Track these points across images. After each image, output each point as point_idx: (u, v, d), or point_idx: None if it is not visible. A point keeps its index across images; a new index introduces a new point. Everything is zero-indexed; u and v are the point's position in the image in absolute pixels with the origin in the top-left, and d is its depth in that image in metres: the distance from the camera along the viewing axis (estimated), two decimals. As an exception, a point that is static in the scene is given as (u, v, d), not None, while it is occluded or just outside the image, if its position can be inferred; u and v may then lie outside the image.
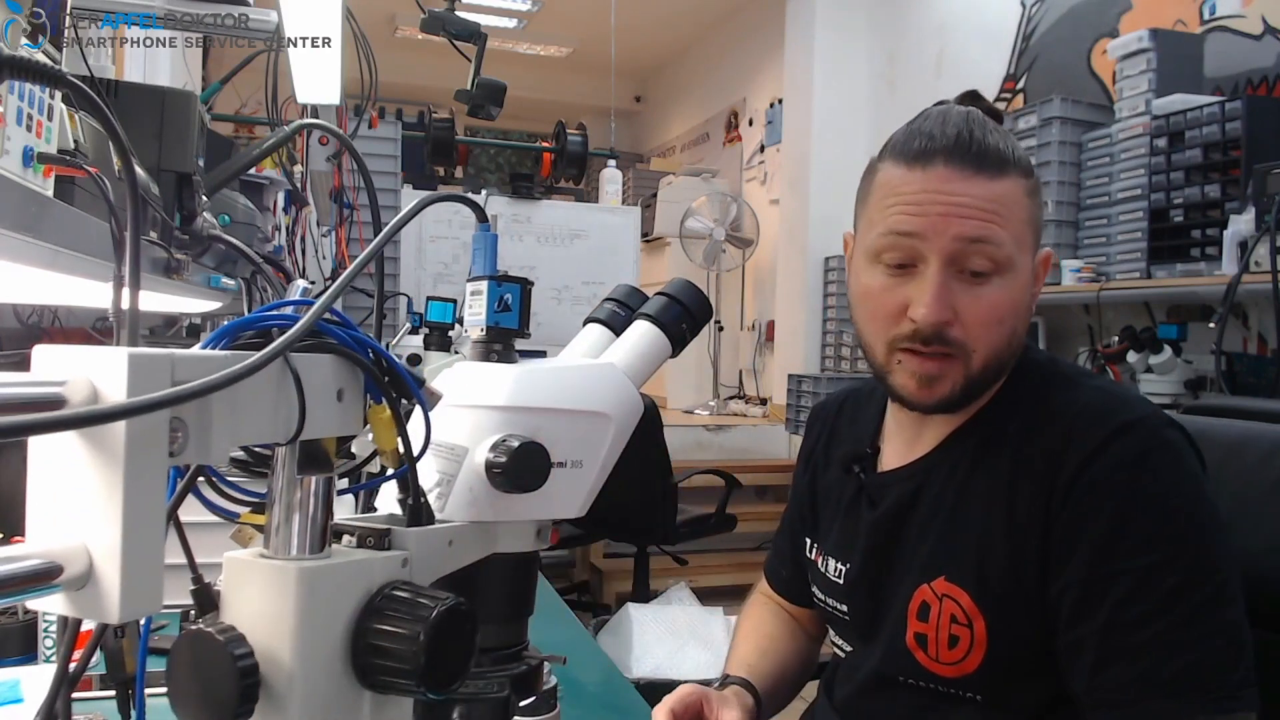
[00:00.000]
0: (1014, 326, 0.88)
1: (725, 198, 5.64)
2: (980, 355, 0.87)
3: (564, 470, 0.58)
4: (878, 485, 0.99)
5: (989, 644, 0.86)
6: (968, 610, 0.86)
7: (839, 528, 1.04)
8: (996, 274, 0.86)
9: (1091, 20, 3.59)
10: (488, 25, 2.14)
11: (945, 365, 0.88)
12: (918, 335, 0.87)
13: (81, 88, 0.48)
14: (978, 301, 0.86)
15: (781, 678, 1.12)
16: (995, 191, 0.86)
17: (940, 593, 0.88)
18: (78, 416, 0.34)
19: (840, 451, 1.07)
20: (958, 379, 0.88)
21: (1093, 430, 0.83)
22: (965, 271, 0.86)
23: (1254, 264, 2.30)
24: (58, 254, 0.74)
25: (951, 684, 0.89)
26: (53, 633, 1.11)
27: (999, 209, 0.85)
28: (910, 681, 0.92)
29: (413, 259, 4.51)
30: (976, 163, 0.86)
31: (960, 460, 0.92)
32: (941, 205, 0.86)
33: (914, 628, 0.90)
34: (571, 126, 4.92)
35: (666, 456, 3.07)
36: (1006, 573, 0.85)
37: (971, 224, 0.85)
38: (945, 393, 0.88)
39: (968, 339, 0.87)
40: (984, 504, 0.88)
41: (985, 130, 0.88)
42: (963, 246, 0.85)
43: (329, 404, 0.47)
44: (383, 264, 0.69)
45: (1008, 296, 0.87)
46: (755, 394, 5.93)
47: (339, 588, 0.46)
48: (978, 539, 0.87)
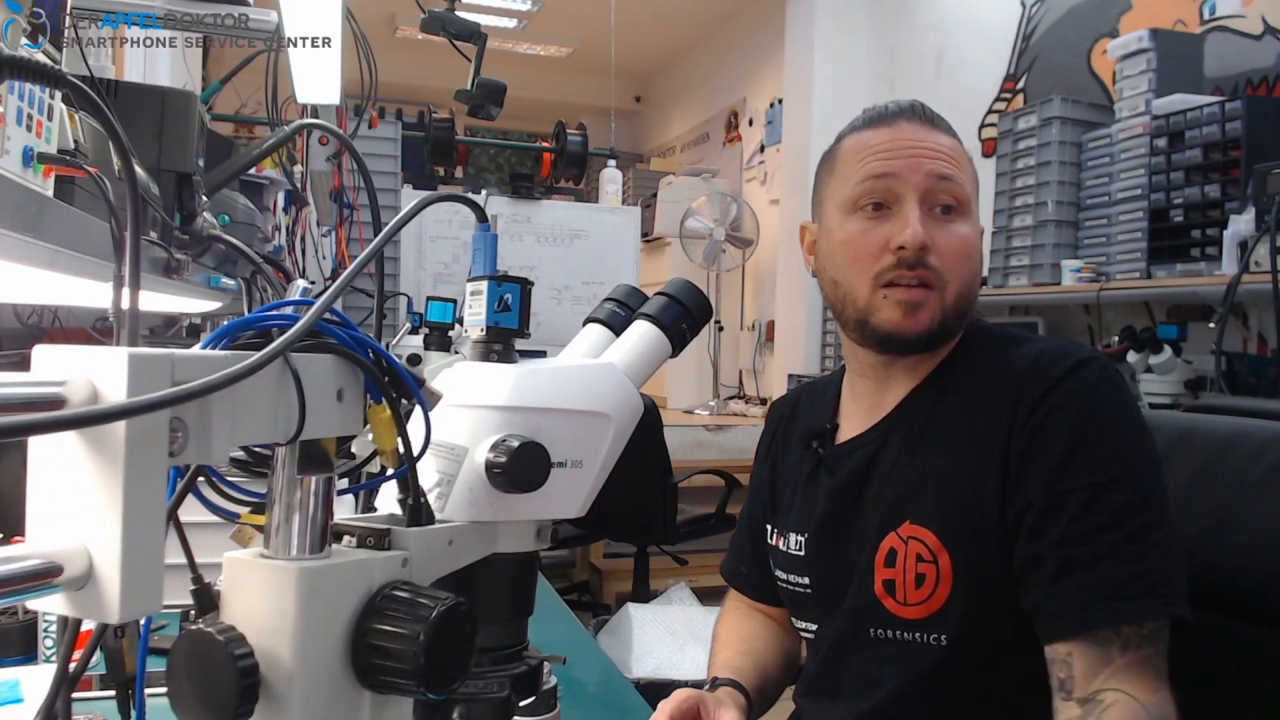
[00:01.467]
0: (974, 268, 0.98)
1: (725, 198, 5.64)
2: (953, 286, 0.96)
3: (564, 470, 0.58)
4: (836, 456, 1.05)
5: (954, 576, 0.91)
6: (933, 547, 0.92)
7: (799, 502, 1.08)
8: (960, 213, 0.97)
9: (1091, 20, 3.59)
10: (488, 25, 2.14)
11: (926, 294, 0.96)
12: (903, 262, 0.95)
13: (81, 88, 0.48)
14: (950, 235, 0.96)
15: (764, 676, 1.13)
16: (951, 143, 0.99)
17: (906, 535, 0.94)
18: (78, 416, 0.34)
19: (798, 432, 1.12)
20: (935, 309, 0.96)
21: (1051, 368, 0.90)
22: (935, 209, 0.96)
23: (1254, 264, 2.30)
24: (58, 254, 0.74)
25: (918, 626, 0.93)
26: (53, 633, 1.11)
27: (955, 156, 0.98)
28: (877, 632, 0.96)
29: (413, 259, 4.51)
30: (932, 119, 1.00)
31: (917, 416, 0.99)
32: (912, 149, 0.97)
33: (881, 575, 0.95)
34: (571, 126, 4.92)
35: (666, 456, 3.07)
36: (967, 504, 0.91)
37: (939, 163, 0.97)
38: (926, 321, 0.95)
39: (943, 268, 0.95)
40: (943, 446, 0.95)
41: (923, 105, 1.03)
42: (933, 183, 0.96)
43: (329, 404, 0.47)
44: (383, 264, 0.69)
45: (972, 233, 0.98)
46: (755, 394, 5.93)
47: (339, 588, 0.46)
48: (937, 478, 0.94)
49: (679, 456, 3.62)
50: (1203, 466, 1.02)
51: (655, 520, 3.09)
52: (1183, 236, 2.71)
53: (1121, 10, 3.44)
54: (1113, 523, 0.84)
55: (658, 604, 3.28)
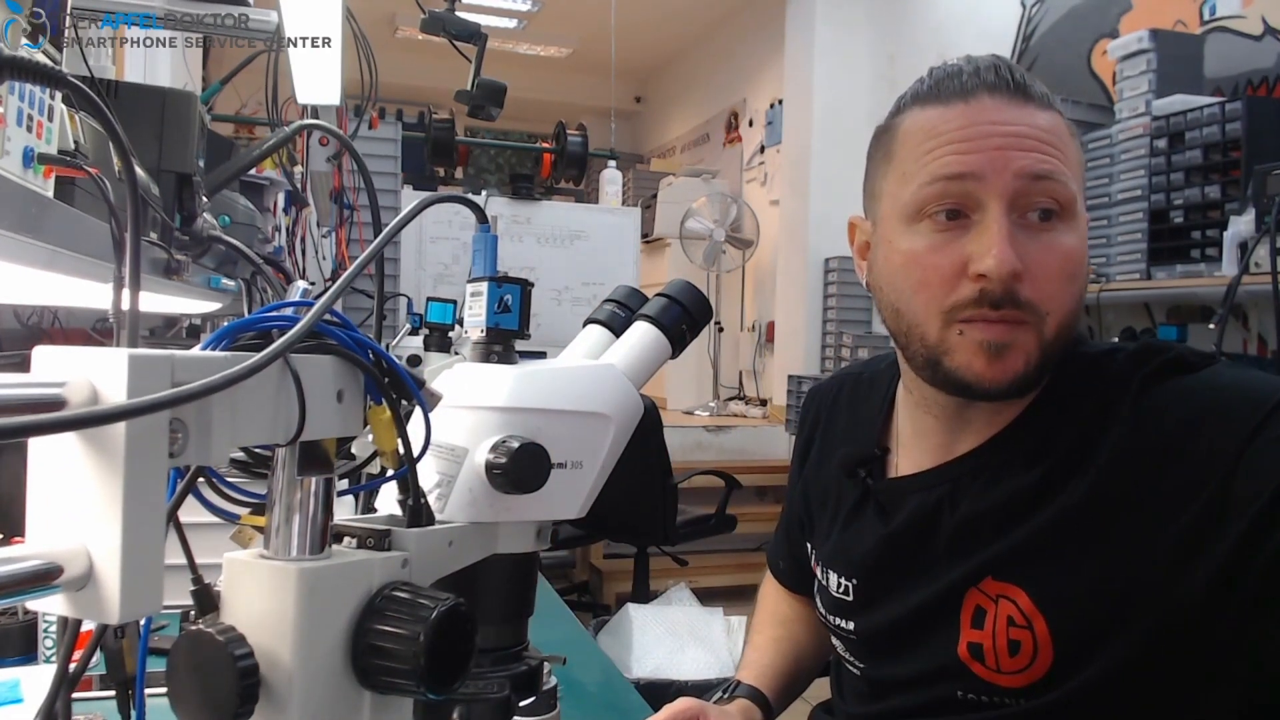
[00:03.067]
0: (1082, 285, 0.76)
1: (725, 198, 5.64)
2: (1055, 318, 0.74)
3: (564, 471, 0.58)
4: (890, 492, 0.88)
5: (1054, 644, 0.74)
6: (1026, 611, 0.75)
7: (839, 538, 0.93)
8: (1062, 218, 0.74)
9: (1091, 20, 3.59)
10: (488, 25, 2.14)
11: (1016, 332, 0.74)
12: (986, 297, 0.73)
13: (81, 88, 0.48)
14: (1048, 251, 0.73)
15: (796, 665, 1.08)
16: (1050, 121, 0.75)
17: (994, 594, 0.77)
18: (78, 417, 0.34)
19: (841, 451, 0.96)
20: (1031, 349, 0.74)
21: (1241, 411, 0.70)
22: (1027, 216, 0.74)
23: (1254, 265, 2.30)
24: (58, 254, 0.74)
25: (1015, 694, 0.77)
26: (53, 633, 1.11)
27: (1056, 141, 0.74)
28: (968, 696, 0.80)
29: (413, 260, 4.51)
30: (1023, 88, 0.75)
31: (1007, 462, 0.80)
32: (998, 137, 0.74)
33: (967, 638, 0.79)
34: (571, 127, 4.92)
35: (666, 457, 3.07)
36: (1071, 571, 0.74)
37: (1033, 156, 0.73)
38: (1019, 367, 0.74)
39: (1039, 299, 0.73)
40: (1048, 501, 0.76)
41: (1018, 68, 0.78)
42: (1026, 185, 0.73)
43: (329, 405, 0.47)
44: (383, 265, 0.69)
45: (1077, 245, 0.75)
46: (755, 395, 5.93)
47: (339, 588, 0.46)
48: (1038, 534, 0.76)
49: (679, 457, 3.62)
50: None
51: (655, 521, 3.09)
52: (1183, 237, 2.71)
53: (1121, 10, 3.44)
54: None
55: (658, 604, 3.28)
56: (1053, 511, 0.76)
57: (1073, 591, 0.74)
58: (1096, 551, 0.73)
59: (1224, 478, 0.68)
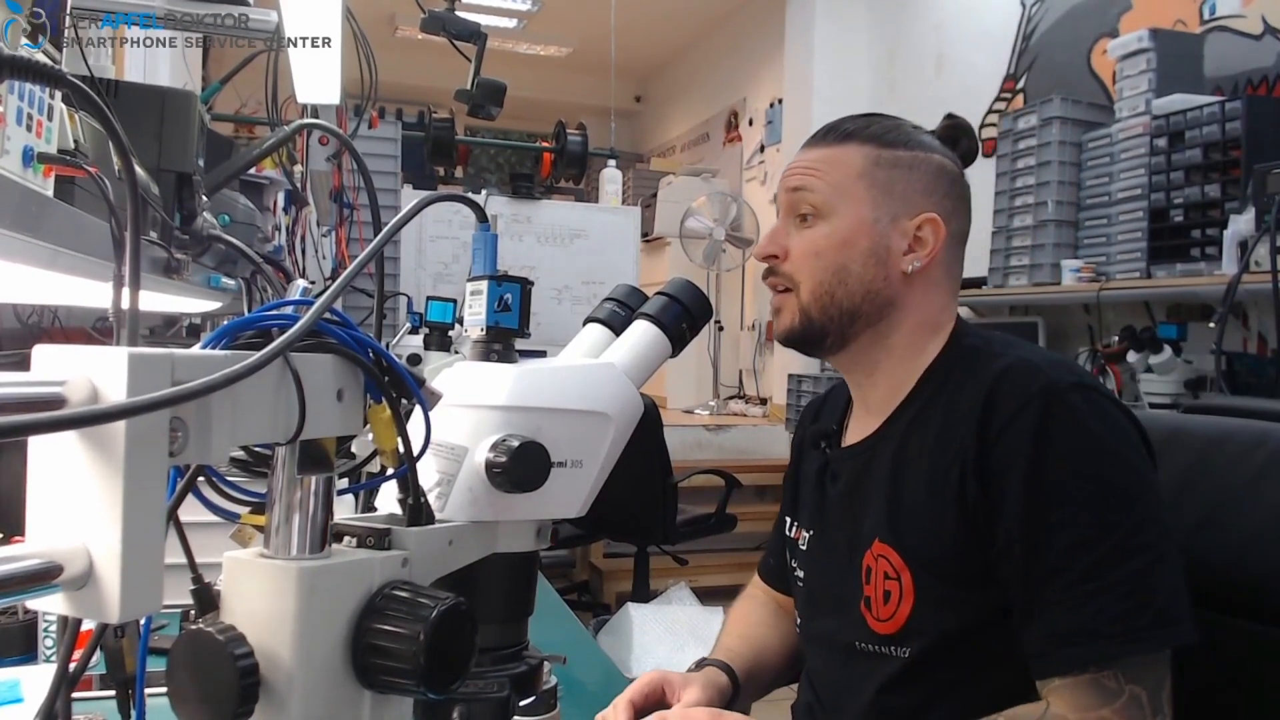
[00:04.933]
0: (836, 261, 1.00)
1: (725, 197, 5.64)
2: (805, 286, 1.01)
3: (564, 470, 0.58)
4: (838, 460, 1.08)
5: (915, 594, 0.93)
6: (896, 565, 0.95)
7: (809, 501, 1.12)
8: (819, 218, 1.01)
9: (1091, 20, 3.59)
10: (488, 25, 2.14)
11: (784, 299, 1.04)
12: (764, 272, 1.07)
13: (81, 88, 0.48)
14: (800, 239, 1.03)
15: (761, 660, 1.16)
16: (824, 154, 1.03)
17: (877, 554, 0.97)
18: (78, 416, 0.34)
19: (814, 429, 1.16)
20: (793, 310, 1.03)
21: (1011, 396, 0.89)
22: (798, 217, 1.03)
23: (1254, 264, 2.30)
24: (58, 254, 0.74)
25: (887, 640, 0.96)
26: (53, 633, 1.11)
27: (820, 166, 1.02)
28: (862, 645, 0.99)
29: (413, 259, 4.51)
30: (820, 137, 1.05)
31: (897, 432, 1.00)
32: (787, 170, 1.06)
33: (864, 592, 0.98)
34: (571, 126, 4.92)
35: (666, 456, 3.07)
36: (928, 530, 0.93)
37: (793, 178, 1.04)
38: (786, 323, 1.04)
39: (794, 271, 1.02)
40: (913, 470, 0.96)
41: (863, 116, 1.06)
42: (789, 196, 1.04)
43: (329, 404, 0.47)
44: (383, 264, 0.69)
45: (825, 235, 1.01)
46: (755, 394, 5.93)
47: (339, 588, 0.46)
48: (905, 501, 0.96)
49: (679, 456, 3.62)
50: (1192, 465, 1.02)
51: (655, 520, 3.09)
52: (1183, 236, 2.71)
53: (1121, 10, 3.44)
54: (1060, 565, 0.84)
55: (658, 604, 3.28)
56: (919, 480, 0.95)
57: (929, 550, 0.92)
58: (947, 515, 0.91)
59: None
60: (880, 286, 1.00)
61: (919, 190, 1.01)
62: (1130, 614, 0.82)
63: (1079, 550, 0.84)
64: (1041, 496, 0.86)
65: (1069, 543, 0.84)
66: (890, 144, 1.02)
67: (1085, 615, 0.83)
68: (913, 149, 1.02)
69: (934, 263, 1.01)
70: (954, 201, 1.03)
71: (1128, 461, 0.88)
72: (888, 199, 1.01)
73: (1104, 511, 0.85)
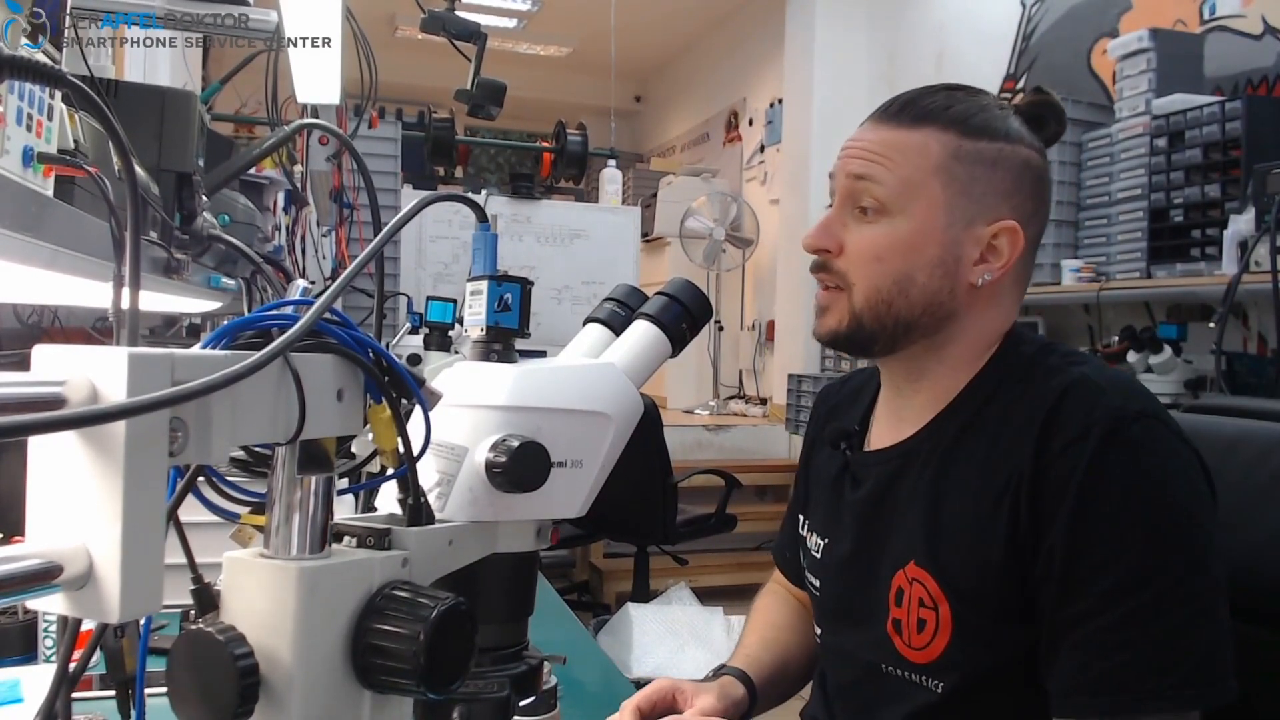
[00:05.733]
0: (899, 269, 0.90)
1: (725, 197, 5.64)
2: (860, 290, 0.91)
3: (564, 470, 0.58)
4: (861, 464, 1.00)
5: (954, 627, 0.86)
6: (934, 594, 0.87)
7: (824, 504, 1.05)
8: (883, 214, 0.90)
9: (1091, 20, 3.59)
10: (488, 25, 2.14)
11: (833, 297, 0.93)
12: (813, 264, 0.95)
13: (81, 88, 0.48)
14: (860, 237, 0.91)
15: (783, 666, 1.12)
16: (895, 138, 0.90)
17: (911, 577, 0.89)
18: (78, 416, 0.34)
19: (830, 426, 1.08)
20: (842, 312, 0.92)
21: (1072, 423, 0.82)
22: (858, 209, 0.91)
23: (1254, 264, 2.30)
24: (58, 254, 0.74)
25: (920, 670, 0.89)
26: (53, 633, 1.11)
27: (889, 153, 0.90)
28: (890, 669, 0.92)
29: (413, 259, 4.51)
30: (892, 114, 0.92)
31: (940, 445, 0.91)
32: (846, 149, 0.94)
33: (893, 614, 0.91)
34: (571, 126, 4.92)
35: (666, 456, 3.07)
36: (971, 558, 0.85)
37: (857, 162, 0.91)
38: (832, 325, 0.93)
39: (848, 270, 0.92)
40: (959, 490, 0.88)
41: (941, 91, 0.93)
42: (851, 184, 0.92)
43: (329, 404, 0.47)
44: (383, 264, 0.69)
45: (888, 236, 0.90)
46: (755, 394, 5.93)
47: (339, 588, 0.46)
48: (947, 524, 0.88)
49: (679, 456, 3.62)
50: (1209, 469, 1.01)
51: (655, 520, 3.09)
52: (1183, 236, 2.71)
53: (1121, 10, 3.44)
54: (1102, 609, 0.78)
55: (658, 604, 3.28)
56: (969, 507, 0.86)
57: (970, 581, 0.85)
58: (994, 544, 0.84)
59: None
60: (945, 299, 0.90)
61: (1001, 191, 0.89)
62: (1161, 670, 0.76)
63: (1117, 596, 0.78)
64: (1086, 532, 0.80)
65: (1108, 586, 0.78)
66: (974, 132, 0.89)
67: (1113, 664, 0.77)
68: (998, 140, 0.90)
69: (1006, 274, 0.91)
70: (1035, 203, 0.92)
71: (1183, 505, 0.80)
72: (965, 200, 0.89)
73: (1149, 557, 0.78)
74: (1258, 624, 0.94)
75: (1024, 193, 0.91)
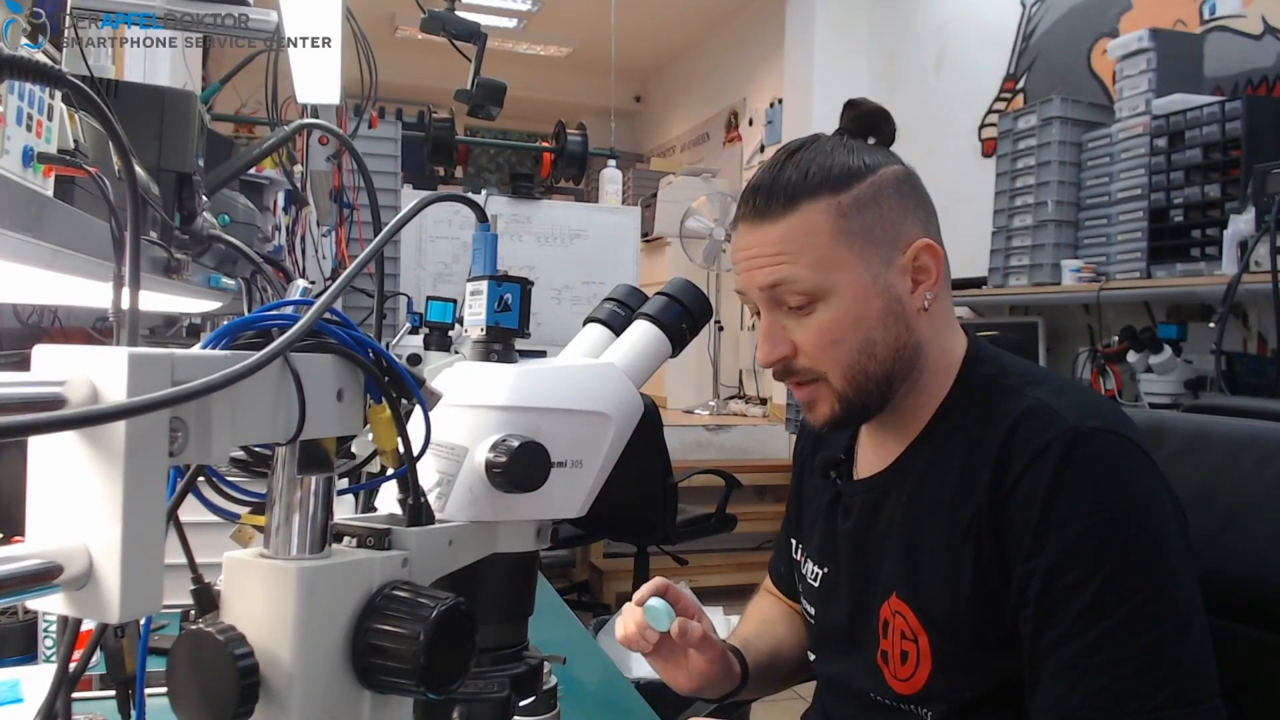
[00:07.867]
0: (858, 339, 0.90)
1: (725, 197, 5.64)
2: (835, 374, 0.91)
3: (564, 470, 0.58)
4: (850, 493, 1.02)
5: (934, 659, 0.88)
6: (914, 626, 0.89)
7: (819, 532, 1.06)
8: (815, 301, 0.89)
9: (1091, 20, 3.59)
10: (488, 25, 2.14)
11: (813, 390, 0.93)
12: (776, 373, 0.94)
13: (81, 88, 0.48)
14: (808, 330, 0.90)
15: (774, 655, 1.14)
16: (779, 232, 0.89)
17: (894, 609, 0.91)
18: (78, 416, 0.34)
19: (820, 455, 1.09)
20: (831, 399, 0.92)
21: (1025, 445, 0.83)
22: (789, 309, 0.91)
23: (1254, 264, 2.30)
24: (58, 254, 0.74)
25: (908, 700, 0.91)
26: (53, 633, 1.11)
27: (786, 247, 0.89)
28: (879, 699, 0.94)
29: (413, 259, 4.51)
30: (762, 209, 0.90)
31: (912, 474, 0.93)
32: (743, 263, 0.93)
33: (881, 645, 0.94)
34: (571, 126, 4.92)
35: (666, 456, 3.07)
36: (943, 590, 0.87)
37: (763, 273, 0.90)
38: (826, 413, 0.93)
39: (814, 364, 0.91)
40: (931, 521, 0.90)
41: (787, 163, 0.91)
42: (771, 293, 0.90)
43: (329, 404, 0.47)
44: (383, 264, 0.69)
45: (834, 317, 0.89)
46: (755, 394, 5.93)
47: (339, 588, 0.46)
48: (921, 556, 0.90)
49: (679, 456, 3.62)
50: (1215, 469, 1.00)
51: (655, 520, 3.09)
52: (1183, 236, 2.71)
53: (1121, 10, 3.44)
54: (1078, 631, 0.78)
55: (658, 604, 3.27)
56: (936, 532, 0.89)
57: (945, 610, 0.87)
58: (964, 574, 0.85)
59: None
60: (906, 338, 0.91)
61: (894, 219, 0.90)
62: (1145, 691, 0.75)
63: (1091, 616, 0.77)
64: (1055, 554, 0.79)
65: (1082, 607, 0.78)
66: (841, 184, 0.89)
67: (1095, 688, 0.76)
68: (864, 177, 0.89)
69: (941, 283, 0.93)
70: (924, 208, 0.93)
71: (1152, 516, 0.80)
72: (873, 246, 0.89)
73: (1122, 574, 0.77)
74: (1259, 626, 0.94)
75: (910, 206, 0.92)
